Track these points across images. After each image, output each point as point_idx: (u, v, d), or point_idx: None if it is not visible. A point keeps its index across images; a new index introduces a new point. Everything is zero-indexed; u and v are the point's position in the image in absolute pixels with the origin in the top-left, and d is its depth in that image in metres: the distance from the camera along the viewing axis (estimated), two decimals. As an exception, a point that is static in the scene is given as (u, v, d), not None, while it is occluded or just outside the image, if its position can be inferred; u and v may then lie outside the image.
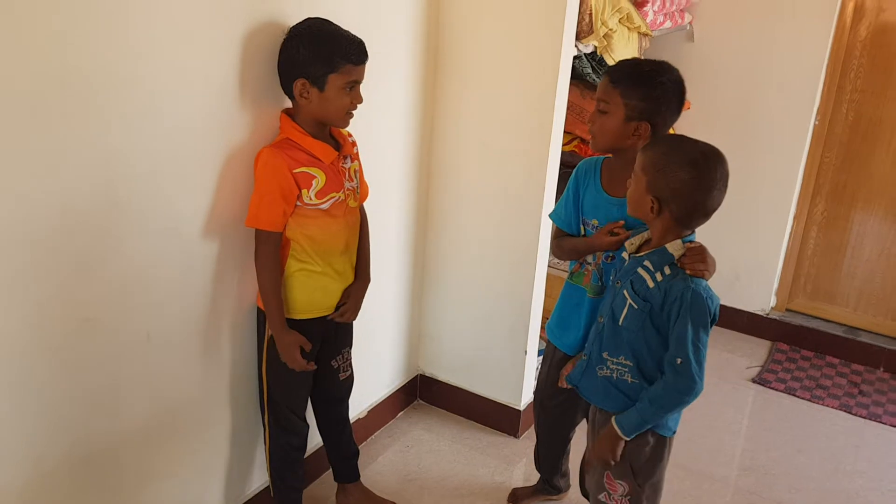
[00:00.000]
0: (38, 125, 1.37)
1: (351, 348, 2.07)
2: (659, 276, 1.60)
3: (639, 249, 1.68)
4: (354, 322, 2.00)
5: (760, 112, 3.18)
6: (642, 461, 1.72)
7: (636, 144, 1.75)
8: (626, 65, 1.83)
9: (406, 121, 2.32)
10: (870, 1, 3.00)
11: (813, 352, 3.29)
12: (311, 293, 1.86)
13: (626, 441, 1.69)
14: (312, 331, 1.88)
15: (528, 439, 2.60)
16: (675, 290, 1.58)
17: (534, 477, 2.43)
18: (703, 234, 1.68)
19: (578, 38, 2.29)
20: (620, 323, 1.66)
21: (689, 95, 3.17)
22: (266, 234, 1.76)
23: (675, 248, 1.60)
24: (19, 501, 1.52)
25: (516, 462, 2.51)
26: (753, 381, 3.08)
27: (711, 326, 1.61)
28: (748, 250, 3.34)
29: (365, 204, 1.98)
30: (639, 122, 1.76)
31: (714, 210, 1.60)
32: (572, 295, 1.95)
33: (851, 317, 3.32)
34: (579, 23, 2.27)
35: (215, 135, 1.71)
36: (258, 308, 1.91)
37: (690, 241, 1.62)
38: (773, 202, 3.25)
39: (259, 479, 2.14)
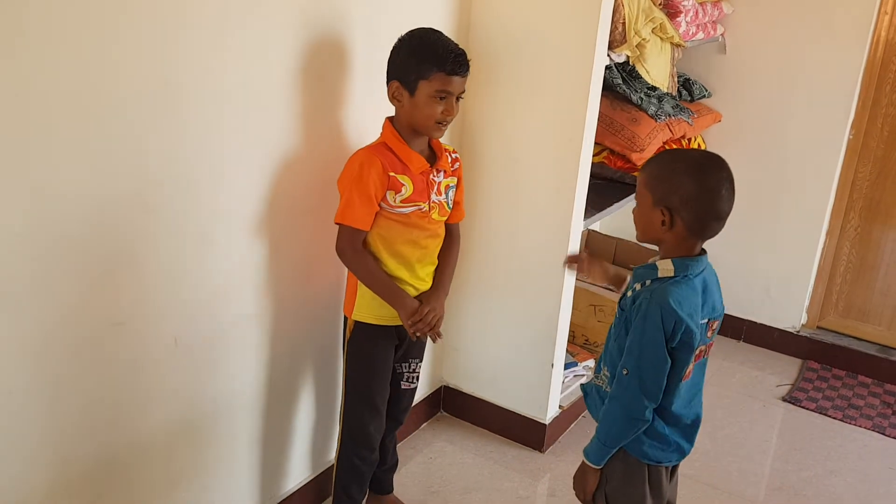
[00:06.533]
0: (71, 128, 1.37)
1: (421, 361, 2.06)
2: (638, 286, 1.56)
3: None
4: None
5: (793, 125, 3.12)
6: (614, 485, 1.63)
7: None
8: None
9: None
10: (907, 14, 2.95)
11: (845, 371, 3.22)
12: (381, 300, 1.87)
13: (595, 469, 1.61)
14: (387, 335, 1.93)
15: (553, 454, 2.56)
16: (640, 297, 1.52)
17: (559, 491, 2.39)
18: (736, 248, 1.62)
19: (611, 47, 2.26)
20: (611, 333, 1.64)
21: (720, 107, 3.24)
22: (354, 232, 1.79)
23: (664, 265, 1.53)
24: (44, 505, 1.52)
25: (541, 477, 2.47)
26: (784, 399, 3.01)
27: (677, 347, 1.50)
28: (779, 266, 3.28)
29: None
30: None
31: (726, 214, 1.51)
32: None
33: (885, 335, 3.24)
34: (612, 32, 2.24)
35: (247, 140, 1.71)
36: (344, 316, 1.95)
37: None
38: (805, 217, 3.19)
39: (285, 485, 2.13)
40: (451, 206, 1.93)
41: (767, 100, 3.15)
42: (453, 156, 1.94)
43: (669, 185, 1.50)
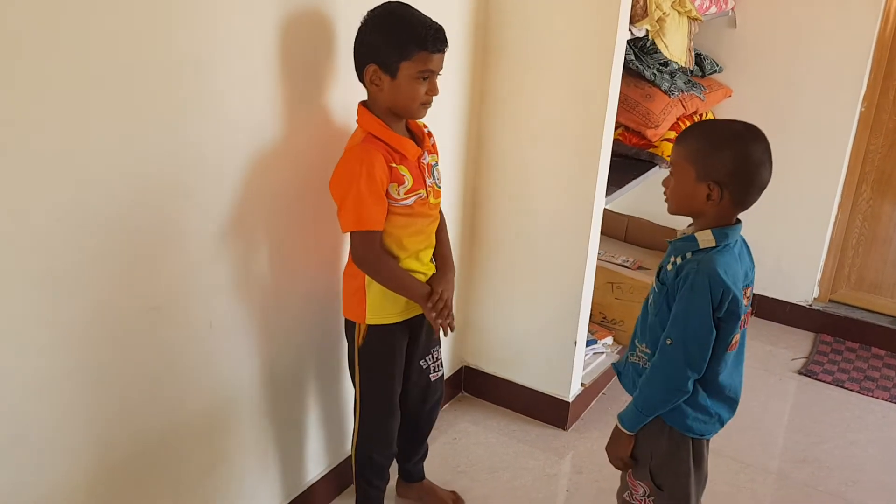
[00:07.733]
0: (111, 115, 1.34)
1: (440, 347, 2.01)
2: (679, 260, 1.55)
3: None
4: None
5: (805, 99, 3.11)
6: (658, 461, 1.63)
7: None
8: None
9: (453, 110, 2.27)
10: (919, -16, 2.94)
11: (858, 343, 3.23)
12: (398, 296, 1.79)
13: (629, 435, 1.62)
14: (401, 331, 1.85)
15: (577, 431, 2.56)
16: (685, 269, 1.51)
17: (585, 468, 2.39)
18: (747, 222, 1.60)
19: (632, 21, 2.24)
20: (648, 309, 1.62)
21: (731, 82, 3.22)
22: (371, 235, 1.70)
23: (704, 236, 1.53)
24: (87, 491, 1.50)
25: (566, 454, 2.47)
26: (799, 372, 3.02)
27: (724, 317, 1.49)
28: (791, 240, 3.28)
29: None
30: None
31: (767, 185, 1.52)
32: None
33: (897, 308, 3.26)
34: (633, 6, 2.22)
35: (278, 127, 1.68)
36: (346, 320, 1.87)
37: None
38: (816, 190, 3.19)
39: (315, 469, 2.12)
40: (440, 185, 1.83)
41: (778, 74, 3.14)
42: (427, 130, 1.83)
43: (715, 160, 1.48)
